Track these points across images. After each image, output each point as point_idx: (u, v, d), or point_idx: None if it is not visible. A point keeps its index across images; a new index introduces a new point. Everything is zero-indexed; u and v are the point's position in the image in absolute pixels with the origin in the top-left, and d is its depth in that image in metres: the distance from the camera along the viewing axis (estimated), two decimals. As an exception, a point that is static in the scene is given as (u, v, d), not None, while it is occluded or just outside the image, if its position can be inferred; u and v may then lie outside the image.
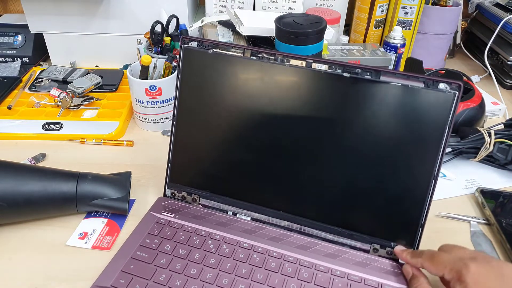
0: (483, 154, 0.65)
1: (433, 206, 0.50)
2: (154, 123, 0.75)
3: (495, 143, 0.65)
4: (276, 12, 0.92)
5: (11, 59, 0.95)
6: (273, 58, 0.51)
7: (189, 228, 0.53)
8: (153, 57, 0.76)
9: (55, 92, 0.76)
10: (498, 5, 0.99)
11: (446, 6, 0.93)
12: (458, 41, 1.09)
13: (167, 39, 0.82)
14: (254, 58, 0.52)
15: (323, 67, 0.49)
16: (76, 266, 0.50)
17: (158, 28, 0.80)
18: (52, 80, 0.85)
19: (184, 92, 0.55)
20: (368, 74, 0.48)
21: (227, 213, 0.56)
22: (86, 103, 0.79)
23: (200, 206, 0.57)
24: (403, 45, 0.86)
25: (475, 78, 0.96)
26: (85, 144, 0.72)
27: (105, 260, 0.49)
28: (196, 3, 1.04)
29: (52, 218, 0.56)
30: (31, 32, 0.93)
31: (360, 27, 0.96)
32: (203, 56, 0.53)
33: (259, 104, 0.52)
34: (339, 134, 0.50)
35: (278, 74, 0.51)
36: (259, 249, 0.51)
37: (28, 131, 0.72)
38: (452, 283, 0.42)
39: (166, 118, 0.75)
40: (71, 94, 0.77)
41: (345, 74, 0.49)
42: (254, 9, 0.94)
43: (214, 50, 0.53)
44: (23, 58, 0.95)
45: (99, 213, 0.58)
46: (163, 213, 0.56)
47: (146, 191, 0.62)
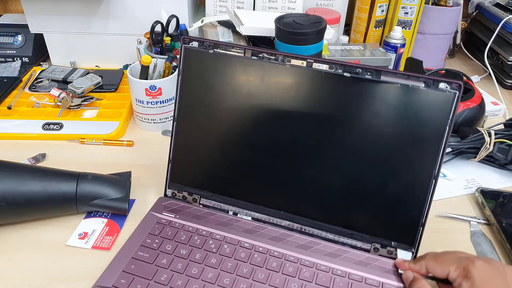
0: (483, 154, 0.65)
1: (433, 206, 0.50)
2: (154, 123, 0.75)
3: (495, 143, 0.65)
4: (276, 12, 0.92)
5: (11, 59, 0.95)
6: (273, 58, 0.51)
7: (190, 228, 0.53)
8: (153, 57, 0.76)
9: (55, 92, 0.76)
10: (498, 5, 0.99)
11: (446, 6, 0.93)
12: (458, 41, 1.09)
13: (167, 39, 0.82)
14: (255, 58, 0.52)
15: (323, 67, 0.49)
16: (76, 266, 0.50)
17: (158, 28, 0.80)
18: (52, 80, 0.85)
19: (185, 92, 0.55)
20: (368, 74, 0.48)
21: (228, 213, 0.56)
22: (86, 103, 0.79)
23: (201, 206, 0.57)
24: (403, 45, 0.86)
25: (475, 78, 0.96)
26: (85, 144, 0.72)
27: (105, 260, 0.49)
28: (196, 3, 1.04)
29: (52, 218, 0.56)
30: (31, 32, 0.92)
31: (360, 27, 0.96)
32: (204, 56, 0.53)
33: (259, 104, 0.52)
34: (340, 134, 0.50)
35: (279, 74, 0.51)
36: (260, 248, 0.51)
37: (28, 131, 0.72)
38: (458, 281, 0.42)
39: (166, 118, 0.75)
40: (71, 94, 0.77)
41: (345, 74, 0.49)
42: (254, 9, 0.94)
43: (215, 50, 0.53)
44: (23, 58, 0.95)
45: (99, 213, 0.58)
46: (164, 213, 0.56)
47: (146, 191, 0.62)
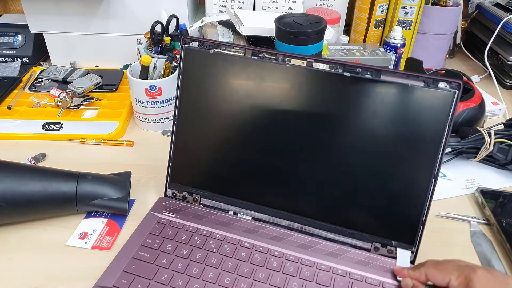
0: (483, 154, 0.65)
1: (433, 206, 0.50)
2: (154, 123, 0.75)
3: (495, 143, 0.65)
4: (276, 12, 0.92)
5: (11, 59, 0.95)
6: (274, 58, 0.51)
7: (190, 228, 0.53)
8: (153, 57, 0.76)
9: (55, 92, 0.76)
10: (498, 5, 0.99)
11: (446, 6, 0.93)
12: (458, 41, 1.09)
13: (167, 39, 0.82)
14: (255, 58, 0.52)
15: (324, 67, 0.49)
16: (76, 266, 0.50)
17: (158, 28, 0.80)
18: (52, 80, 0.85)
19: (185, 92, 0.55)
20: (368, 73, 0.48)
21: (228, 212, 0.56)
22: (86, 103, 0.79)
23: (201, 206, 0.57)
24: (403, 45, 0.86)
25: (475, 78, 0.96)
26: (85, 144, 0.71)
27: (105, 260, 0.49)
28: (196, 3, 1.04)
29: (52, 218, 0.56)
30: (31, 32, 0.92)
31: (360, 27, 0.96)
32: (204, 56, 0.53)
33: (260, 103, 0.52)
34: (340, 133, 0.50)
35: (279, 74, 0.51)
36: (261, 248, 0.51)
37: (28, 131, 0.72)
38: None
39: (166, 118, 0.75)
40: (71, 94, 0.77)
41: (345, 74, 0.49)
42: (254, 9, 0.94)
43: (215, 50, 0.53)
44: (23, 58, 0.95)
45: (99, 213, 0.58)
46: (164, 213, 0.56)
47: (146, 191, 0.62)
